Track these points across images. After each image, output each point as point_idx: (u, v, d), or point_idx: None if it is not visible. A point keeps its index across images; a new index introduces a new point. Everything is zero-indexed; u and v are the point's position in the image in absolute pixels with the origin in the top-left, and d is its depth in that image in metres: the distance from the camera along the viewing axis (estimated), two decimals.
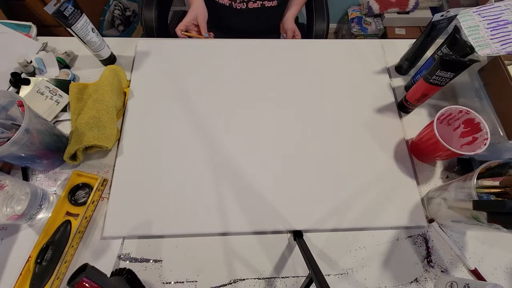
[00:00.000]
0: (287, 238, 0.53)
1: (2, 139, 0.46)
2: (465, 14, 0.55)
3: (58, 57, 0.65)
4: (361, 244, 0.53)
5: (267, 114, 0.63)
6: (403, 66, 0.69)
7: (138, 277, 0.48)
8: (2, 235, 0.50)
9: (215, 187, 0.55)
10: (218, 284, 0.49)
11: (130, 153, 0.57)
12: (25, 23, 0.70)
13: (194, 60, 0.69)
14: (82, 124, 0.54)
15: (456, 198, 0.47)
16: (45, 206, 0.50)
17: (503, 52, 0.51)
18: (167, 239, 0.52)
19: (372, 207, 0.55)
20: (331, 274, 0.50)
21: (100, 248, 0.50)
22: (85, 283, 0.35)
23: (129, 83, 0.65)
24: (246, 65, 0.69)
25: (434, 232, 0.54)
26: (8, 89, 0.61)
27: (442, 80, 0.53)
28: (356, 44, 0.73)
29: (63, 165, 0.56)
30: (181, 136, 0.59)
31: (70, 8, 0.53)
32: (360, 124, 0.63)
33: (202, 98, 0.64)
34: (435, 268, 0.52)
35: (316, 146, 0.60)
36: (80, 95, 0.60)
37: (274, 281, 0.50)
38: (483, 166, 0.46)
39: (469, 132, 0.54)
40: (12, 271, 0.47)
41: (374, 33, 1.59)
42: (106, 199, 0.54)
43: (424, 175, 0.59)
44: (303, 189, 0.56)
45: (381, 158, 0.59)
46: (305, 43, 0.74)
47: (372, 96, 0.66)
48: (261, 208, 0.53)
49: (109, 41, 0.67)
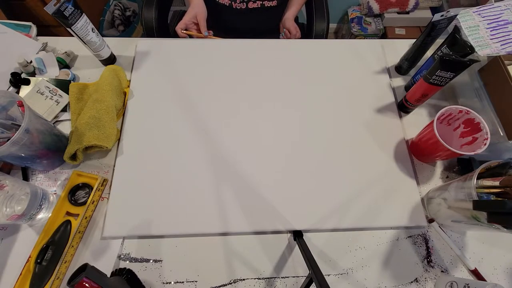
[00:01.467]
0: (287, 238, 0.53)
1: (2, 139, 0.46)
2: (465, 14, 0.55)
3: (58, 57, 0.65)
4: (361, 244, 0.53)
5: (267, 114, 0.63)
6: (403, 66, 0.69)
7: (138, 277, 0.48)
8: (2, 235, 0.50)
9: (215, 187, 0.55)
10: (218, 284, 0.49)
11: (130, 153, 0.57)
12: (25, 23, 0.70)
13: (194, 60, 0.69)
14: (82, 124, 0.54)
15: (456, 198, 0.47)
16: (45, 206, 0.50)
17: (503, 52, 0.51)
18: (167, 239, 0.52)
19: (372, 207, 0.55)
20: (331, 274, 0.50)
21: (100, 248, 0.50)
22: (85, 283, 0.35)
23: (129, 83, 0.65)
24: (246, 65, 0.69)
25: (434, 232, 0.54)
26: (8, 89, 0.61)
27: (442, 80, 0.53)
28: (356, 44, 0.73)
29: (63, 165, 0.56)
30: (181, 136, 0.59)
31: (70, 8, 0.53)
32: (360, 124, 0.63)
33: (202, 98, 0.64)
34: (435, 268, 0.52)
35: (316, 146, 0.60)
36: (80, 95, 0.60)
37: (274, 281, 0.50)
38: (483, 166, 0.46)
39: (469, 132, 0.54)
40: (12, 271, 0.47)
41: (374, 33, 1.59)
42: (106, 199, 0.54)
43: (424, 175, 0.59)
44: (303, 189, 0.56)
45: (381, 158, 0.59)
46: (305, 43, 0.74)
47: (372, 96, 0.66)
48: (261, 208, 0.53)
49: (109, 41, 0.67)
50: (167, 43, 0.71)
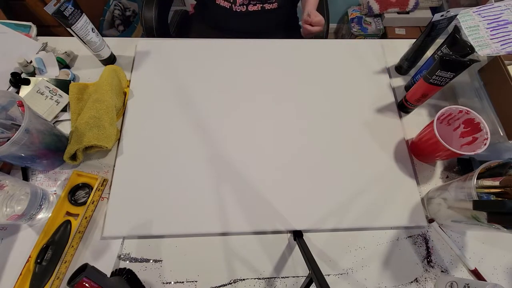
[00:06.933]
0: (287, 238, 0.53)
1: (2, 139, 0.46)
2: (465, 14, 0.55)
3: (58, 57, 0.65)
4: (361, 244, 0.53)
5: (267, 114, 0.63)
6: (403, 66, 0.69)
7: (138, 277, 0.48)
8: (2, 235, 0.50)
9: (215, 187, 0.55)
10: (218, 284, 0.49)
11: (130, 153, 0.57)
12: (25, 23, 0.70)
13: (194, 60, 0.69)
14: (82, 124, 0.54)
15: (456, 198, 0.47)
16: (45, 206, 0.50)
17: (503, 52, 0.51)
18: (167, 239, 0.52)
19: (372, 207, 0.55)
20: (331, 274, 0.50)
21: (100, 248, 0.50)
22: (85, 283, 0.35)
23: (129, 83, 0.65)
24: (246, 65, 0.69)
25: (434, 232, 0.54)
26: (8, 89, 0.61)
27: (442, 80, 0.53)
28: (356, 44, 0.73)
29: (63, 165, 0.56)
30: (181, 136, 0.59)
31: (70, 8, 0.53)
32: (360, 124, 0.63)
33: (202, 98, 0.64)
34: (435, 268, 0.51)
35: (316, 146, 0.60)
36: (80, 95, 0.60)
37: (274, 281, 0.50)
38: (483, 166, 0.46)
39: (469, 132, 0.54)
40: (12, 271, 0.47)
41: (374, 33, 1.59)
42: (106, 199, 0.54)
43: (424, 175, 0.59)
44: (303, 189, 0.56)
45: (381, 158, 0.59)
46: (305, 43, 0.74)
47: (372, 96, 0.66)
48: (261, 208, 0.53)
49: (109, 41, 0.67)
50: (167, 43, 0.71)
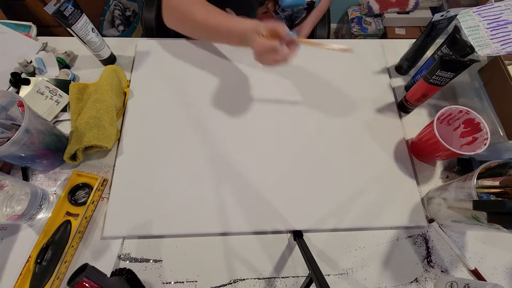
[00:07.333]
0: (287, 238, 0.53)
1: (2, 139, 0.46)
2: (465, 14, 0.55)
3: (58, 57, 0.65)
4: (361, 244, 0.53)
5: (267, 114, 0.63)
6: (403, 66, 0.69)
7: (138, 277, 0.48)
8: (2, 235, 0.50)
9: (215, 187, 0.55)
10: (218, 284, 0.49)
11: (130, 153, 0.57)
12: (25, 23, 0.70)
13: (194, 60, 0.68)
14: (82, 124, 0.54)
15: (456, 198, 0.47)
16: (45, 206, 0.50)
17: (503, 52, 0.51)
18: (167, 239, 0.52)
19: (372, 207, 0.55)
20: (331, 274, 0.50)
21: (100, 248, 0.50)
22: (85, 283, 0.35)
23: (129, 83, 0.65)
24: (246, 65, 0.68)
25: (434, 232, 0.54)
26: (8, 89, 0.61)
27: (442, 80, 0.53)
28: (356, 44, 0.73)
29: (63, 165, 0.56)
30: (181, 136, 0.59)
31: (70, 8, 0.53)
32: (360, 124, 0.63)
33: (202, 98, 0.64)
34: (435, 268, 0.51)
35: (316, 146, 0.60)
36: (80, 95, 0.60)
37: (274, 281, 0.50)
38: (483, 166, 0.46)
39: (469, 132, 0.54)
40: (12, 271, 0.47)
41: (374, 33, 1.59)
42: (106, 199, 0.54)
43: (424, 175, 0.59)
44: (303, 189, 0.56)
45: (381, 158, 0.59)
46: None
47: (372, 96, 0.66)
48: (261, 208, 0.53)
49: (109, 41, 0.67)
50: (167, 43, 0.71)
